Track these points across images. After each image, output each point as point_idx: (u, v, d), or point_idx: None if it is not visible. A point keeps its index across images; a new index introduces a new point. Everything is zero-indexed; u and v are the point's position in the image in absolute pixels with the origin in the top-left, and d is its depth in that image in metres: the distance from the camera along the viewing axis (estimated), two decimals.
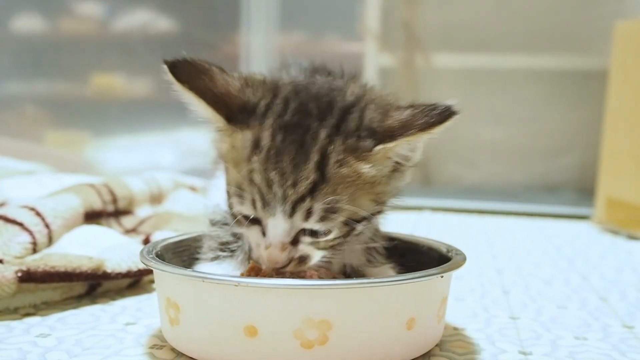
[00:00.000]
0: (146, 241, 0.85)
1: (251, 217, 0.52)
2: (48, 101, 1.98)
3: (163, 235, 0.78)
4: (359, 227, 0.54)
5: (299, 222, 0.51)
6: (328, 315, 0.49)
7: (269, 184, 0.50)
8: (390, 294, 0.51)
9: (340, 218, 0.51)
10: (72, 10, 1.98)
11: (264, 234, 0.53)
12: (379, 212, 0.56)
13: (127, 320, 0.66)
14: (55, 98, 1.97)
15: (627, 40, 1.30)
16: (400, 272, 0.63)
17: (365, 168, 0.51)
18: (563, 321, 0.68)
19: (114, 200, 0.95)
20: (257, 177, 0.51)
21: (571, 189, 1.75)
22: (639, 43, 1.26)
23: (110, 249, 0.78)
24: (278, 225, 0.51)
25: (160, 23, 1.93)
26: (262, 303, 0.49)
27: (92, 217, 0.89)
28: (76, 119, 1.96)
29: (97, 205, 0.90)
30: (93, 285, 0.73)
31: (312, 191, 0.50)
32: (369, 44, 1.77)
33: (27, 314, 0.66)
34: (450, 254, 0.62)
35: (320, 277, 0.56)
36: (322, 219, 0.51)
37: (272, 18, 1.83)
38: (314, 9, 1.89)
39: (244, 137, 0.52)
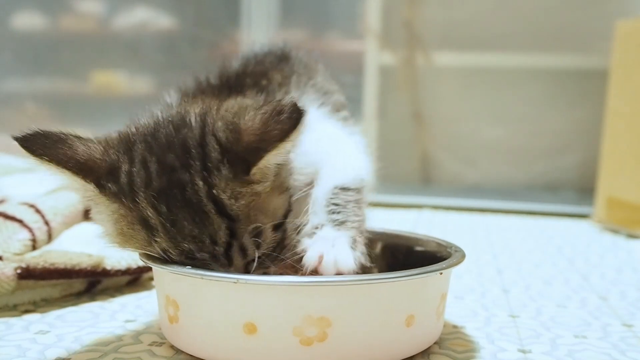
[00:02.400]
0: None
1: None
2: (48, 99, 1.98)
3: None
4: (289, 219, 0.54)
5: (240, 264, 0.51)
6: (327, 312, 0.49)
7: (190, 253, 0.50)
8: (389, 291, 0.51)
9: (268, 231, 0.51)
10: (73, 8, 1.98)
11: None
12: (291, 196, 0.56)
13: (127, 317, 0.66)
14: (56, 96, 1.97)
15: (628, 40, 1.30)
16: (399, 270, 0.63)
17: (256, 187, 0.50)
18: (563, 320, 0.68)
19: None
20: (174, 253, 0.50)
21: (571, 188, 1.75)
22: (639, 42, 1.26)
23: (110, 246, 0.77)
24: (222, 269, 0.51)
25: (161, 21, 1.93)
26: (261, 300, 0.49)
27: None
28: (77, 116, 1.96)
29: None
30: (92, 283, 0.73)
31: (232, 235, 0.50)
32: (370, 42, 1.76)
33: (27, 311, 0.66)
34: (449, 251, 0.62)
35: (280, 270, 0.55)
36: (256, 244, 0.51)
37: (272, 16, 1.83)
38: (315, 7, 1.89)
39: (126, 215, 0.50)
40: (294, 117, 0.49)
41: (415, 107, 1.82)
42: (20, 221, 0.75)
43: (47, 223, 0.77)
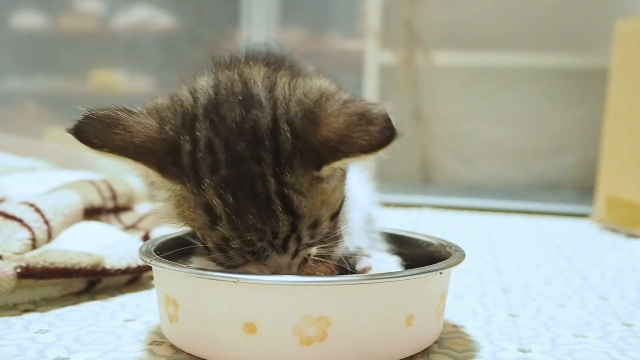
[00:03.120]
0: (146, 238, 0.85)
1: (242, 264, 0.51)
2: (48, 98, 1.98)
3: (162, 232, 0.78)
4: (342, 211, 0.54)
5: (293, 249, 0.51)
6: (327, 311, 0.49)
7: (250, 243, 0.49)
8: (389, 291, 0.51)
9: (325, 222, 0.51)
10: (73, 7, 1.98)
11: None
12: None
13: (127, 316, 0.66)
14: (56, 94, 1.97)
15: (628, 39, 1.30)
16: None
17: (324, 185, 0.50)
18: (562, 319, 0.68)
19: (114, 197, 0.95)
20: (235, 243, 0.49)
21: (571, 188, 1.75)
22: (639, 42, 1.26)
23: (110, 245, 0.78)
24: (279, 262, 0.51)
25: (161, 20, 1.93)
26: (261, 300, 0.49)
27: (92, 213, 0.89)
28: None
29: (96, 201, 0.90)
30: (92, 282, 0.73)
31: (294, 230, 0.49)
32: (370, 41, 1.77)
33: (26, 310, 0.66)
34: (449, 251, 0.62)
35: (322, 272, 0.56)
36: (311, 236, 0.51)
37: (272, 15, 1.82)
38: (315, 6, 1.89)
39: (189, 199, 0.49)
40: (386, 135, 0.45)
41: (415, 106, 1.82)
42: (20, 220, 0.75)
43: (47, 222, 0.77)
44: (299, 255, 0.52)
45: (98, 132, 0.48)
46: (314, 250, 0.54)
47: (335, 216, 0.53)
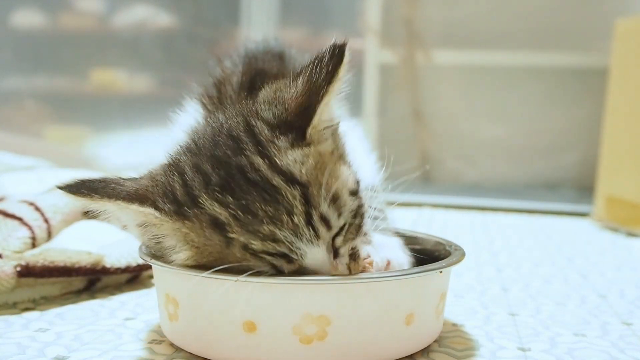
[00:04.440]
0: None
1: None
2: (48, 97, 1.98)
3: None
4: (362, 194, 0.52)
5: (326, 236, 0.48)
6: (327, 310, 0.49)
7: (270, 237, 0.46)
8: (389, 290, 0.51)
9: (345, 195, 0.49)
10: (72, 6, 1.98)
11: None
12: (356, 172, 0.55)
13: (126, 315, 0.66)
14: (56, 93, 1.97)
15: (628, 38, 1.30)
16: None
17: (318, 147, 0.49)
18: (562, 318, 0.68)
19: None
20: (255, 243, 0.46)
21: (571, 187, 1.75)
22: (639, 41, 1.26)
23: (110, 244, 0.78)
24: (316, 257, 0.48)
25: (160, 19, 1.93)
26: (260, 299, 0.49)
27: None
28: (76, 114, 1.96)
29: None
30: (92, 281, 0.73)
31: (308, 203, 0.47)
32: (370, 40, 1.76)
33: (26, 309, 0.66)
34: (448, 250, 0.62)
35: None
36: (337, 211, 0.48)
37: (272, 14, 1.82)
38: (314, 5, 1.88)
39: (193, 227, 0.48)
40: (337, 54, 0.48)
41: (415, 105, 1.82)
42: (20, 219, 0.75)
43: (46, 221, 0.77)
44: (340, 252, 0.49)
45: (89, 187, 0.49)
46: (359, 245, 0.51)
47: (356, 194, 0.51)
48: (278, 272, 0.48)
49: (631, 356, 0.57)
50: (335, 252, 0.49)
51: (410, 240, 0.69)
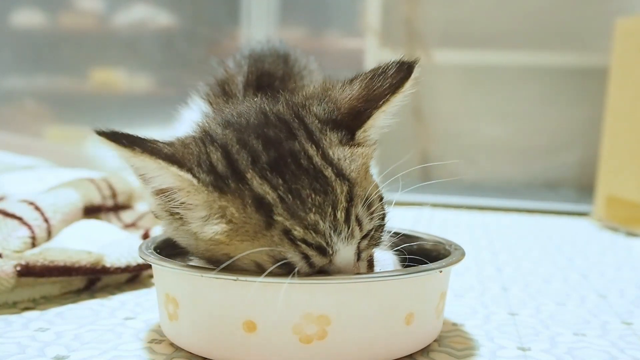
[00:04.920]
0: (145, 236, 0.85)
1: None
2: (48, 96, 1.98)
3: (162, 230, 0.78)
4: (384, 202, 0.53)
5: (358, 237, 0.48)
6: (327, 310, 0.49)
7: (313, 226, 0.46)
8: (389, 289, 0.51)
9: (376, 201, 0.50)
10: (72, 6, 1.98)
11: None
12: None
13: (126, 315, 0.66)
14: (56, 93, 1.97)
15: (628, 38, 1.30)
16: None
17: (364, 149, 0.50)
18: (562, 318, 0.68)
19: (114, 195, 0.95)
20: (298, 229, 0.45)
21: (571, 186, 1.75)
22: (639, 41, 1.26)
23: (110, 243, 0.78)
24: (346, 256, 0.48)
25: (160, 18, 1.93)
26: (260, 298, 0.49)
27: (92, 211, 0.89)
28: (76, 114, 1.96)
29: (96, 200, 0.90)
30: (92, 280, 0.73)
31: (351, 200, 0.47)
32: (370, 40, 1.76)
33: (26, 308, 0.66)
34: (448, 249, 0.62)
35: None
36: (370, 216, 0.49)
37: (272, 13, 1.82)
38: (315, 4, 1.88)
39: (232, 203, 0.46)
40: (406, 69, 0.49)
41: (415, 104, 1.82)
42: (19, 218, 0.75)
43: (46, 220, 0.77)
44: (362, 256, 0.50)
45: (127, 137, 0.46)
46: (374, 253, 0.52)
47: (381, 201, 0.52)
48: (306, 265, 0.47)
49: (631, 356, 0.57)
50: (358, 255, 0.50)
51: (410, 240, 0.69)
